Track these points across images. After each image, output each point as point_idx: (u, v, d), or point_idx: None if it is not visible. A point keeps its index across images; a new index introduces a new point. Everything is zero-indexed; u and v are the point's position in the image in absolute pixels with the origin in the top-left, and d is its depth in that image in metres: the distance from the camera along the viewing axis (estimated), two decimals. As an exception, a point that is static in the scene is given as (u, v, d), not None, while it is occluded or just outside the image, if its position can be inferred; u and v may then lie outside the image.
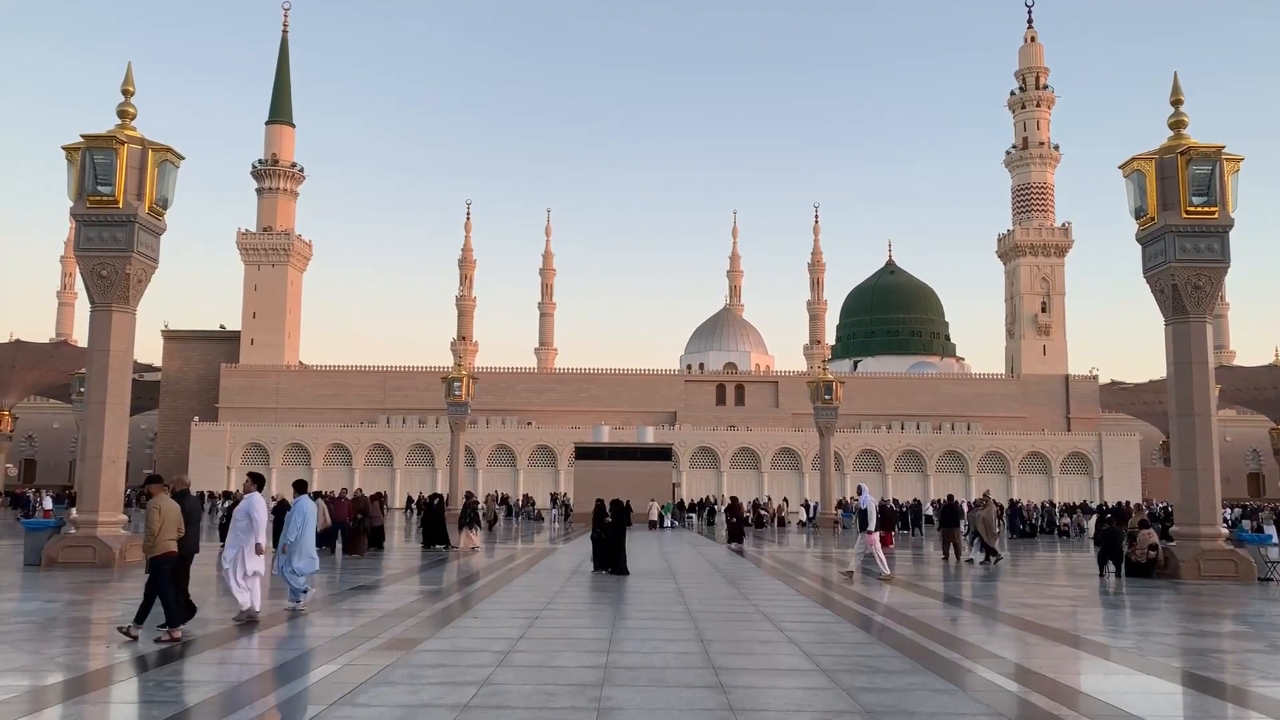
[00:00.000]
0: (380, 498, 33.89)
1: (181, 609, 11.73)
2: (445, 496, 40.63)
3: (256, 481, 13.53)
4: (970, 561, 26.40)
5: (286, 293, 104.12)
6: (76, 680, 9.27)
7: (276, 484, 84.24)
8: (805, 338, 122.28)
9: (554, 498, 70.16)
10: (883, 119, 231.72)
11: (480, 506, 55.79)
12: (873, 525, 21.72)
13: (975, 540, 27.23)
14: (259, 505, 13.16)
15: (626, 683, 9.11)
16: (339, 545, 26.92)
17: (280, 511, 28.26)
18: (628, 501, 50.96)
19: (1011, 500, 61.26)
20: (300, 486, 15.04)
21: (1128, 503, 56.45)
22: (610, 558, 21.41)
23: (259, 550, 12.92)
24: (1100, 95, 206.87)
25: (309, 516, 14.48)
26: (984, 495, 30.55)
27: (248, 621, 12.68)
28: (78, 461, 22.49)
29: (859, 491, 23.16)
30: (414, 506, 65.03)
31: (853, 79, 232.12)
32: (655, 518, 50.43)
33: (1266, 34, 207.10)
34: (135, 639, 11.10)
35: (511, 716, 7.74)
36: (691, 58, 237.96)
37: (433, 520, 29.44)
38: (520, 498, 73.93)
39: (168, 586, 11.40)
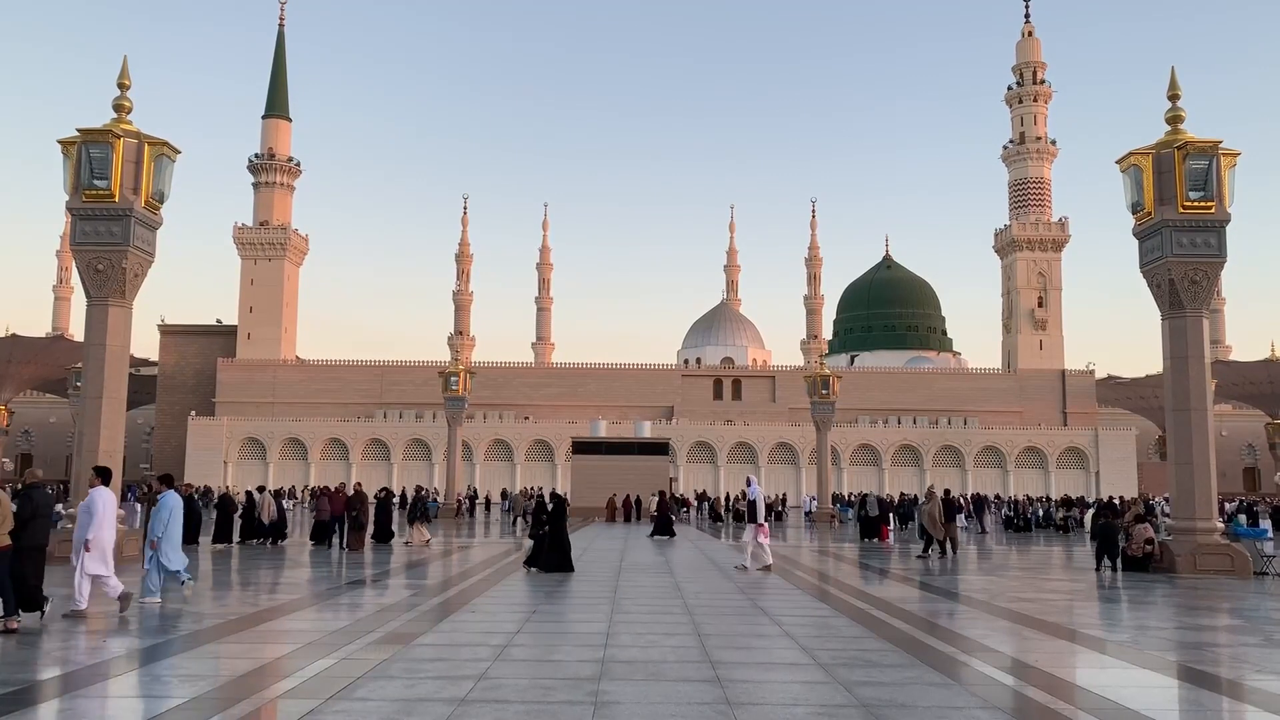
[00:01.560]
0: (327, 491, 33.59)
1: (27, 599, 11.78)
2: (391, 490, 40.59)
3: (102, 476, 13.54)
4: (921, 557, 26.41)
5: (283, 287, 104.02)
6: (74, 674, 9.27)
7: (274, 479, 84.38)
8: (802, 332, 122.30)
9: (504, 494, 68.54)
10: (880, 113, 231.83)
11: (489, 500, 55.62)
12: (760, 517, 21.67)
13: (921, 534, 27.24)
14: (99, 500, 13.08)
15: (624, 676, 9.12)
16: (335, 540, 26.90)
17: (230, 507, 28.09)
18: (637, 496, 50.66)
19: (974, 493, 61.23)
20: (167, 480, 15.08)
21: (1121, 498, 56.55)
22: (545, 555, 20.19)
23: (87, 547, 12.79)
24: (1098, 90, 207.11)
25: (175, 510, 14.50)
26: (929, 490, 30.56)
27: (72, 614, 12.63)
28: (74, 456, 22.45)
29: (748, 483, 22.85)
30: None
31: (850, 73, 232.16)
32: (655, 512, 50.39)
33: (1264, 29, 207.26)
34: None
35: (509, 710, 7.74)
36: (688, 51, 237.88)
37: (379, 515, 29.25)
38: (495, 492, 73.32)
39: (4, 579, 11.38)
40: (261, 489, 30.23)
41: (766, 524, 22.25)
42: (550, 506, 21.04)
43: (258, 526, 27.95)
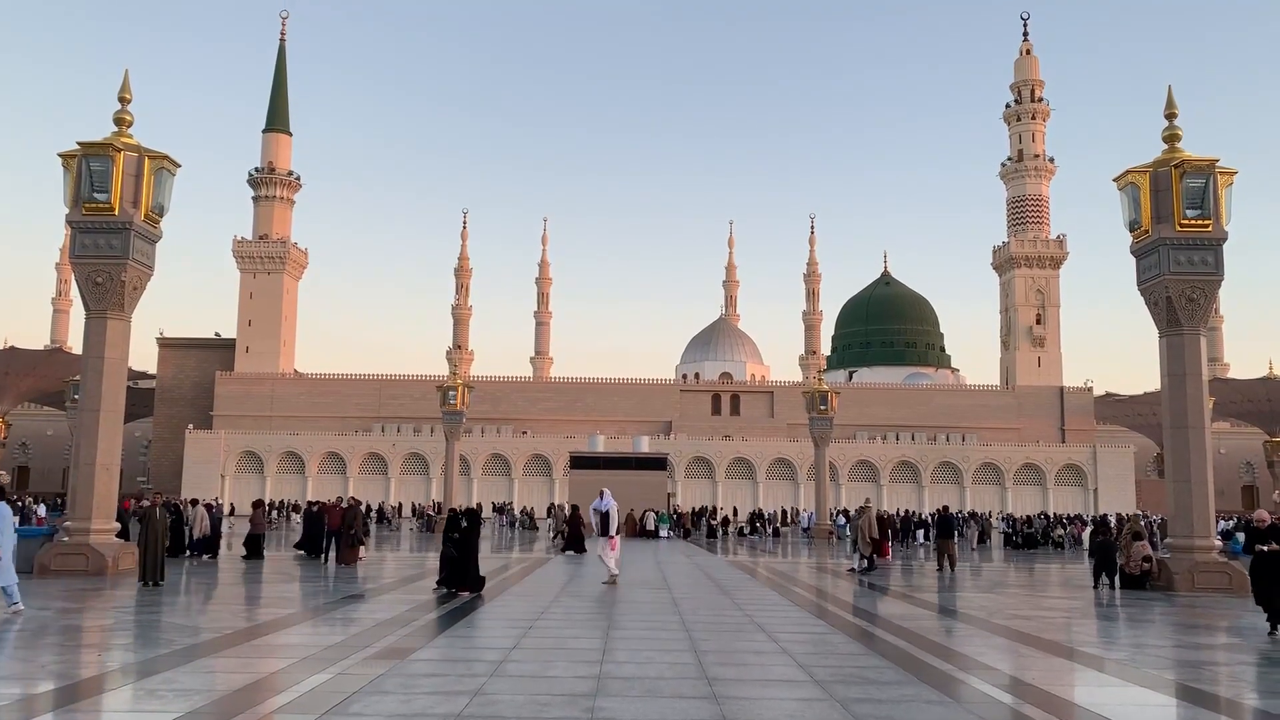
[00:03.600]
0: (261, 504, 33.07)
1: None
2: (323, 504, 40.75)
3: None
4: (852, 571, 26.24)
5: (282, 301, 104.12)
6: (68, 688, 9.23)
7: (271, 492, 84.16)
8: (801, 348, 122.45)
9: (485, 506, 68.31)
10: (879, 130, 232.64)
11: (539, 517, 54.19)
12: (614, 530, 21.42)
13: (852, 548, 27.15)
14: None
15: (620, 693, 9.09)
16: (331, 554, 26.82)
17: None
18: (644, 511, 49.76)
19: (940, 508, 61.02)
20: None
21: (1118, 514, 56.48)
22: (458, 573, 18.67)
23: None
24: (1096, 108, 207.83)
25: (2, 521, 14.39)
26: (865, 503, 30.52)
27: None
28: (71, 469, 22.40)
29: (600, 495, 22.47)
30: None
31: (849, 90, 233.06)
32: (652, 527, 50.29)
33: (1260, 48, 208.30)
34: None
35: (504, 726, 7.72)
36: (688, 67, 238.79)
37: (312, 529, 29.05)
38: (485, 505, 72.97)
39: None
40: (194, 501, 29.60)
41: (617, 538, 21.93)
42: (464, 523, 19.52)
43: (189, 540, 27.10)
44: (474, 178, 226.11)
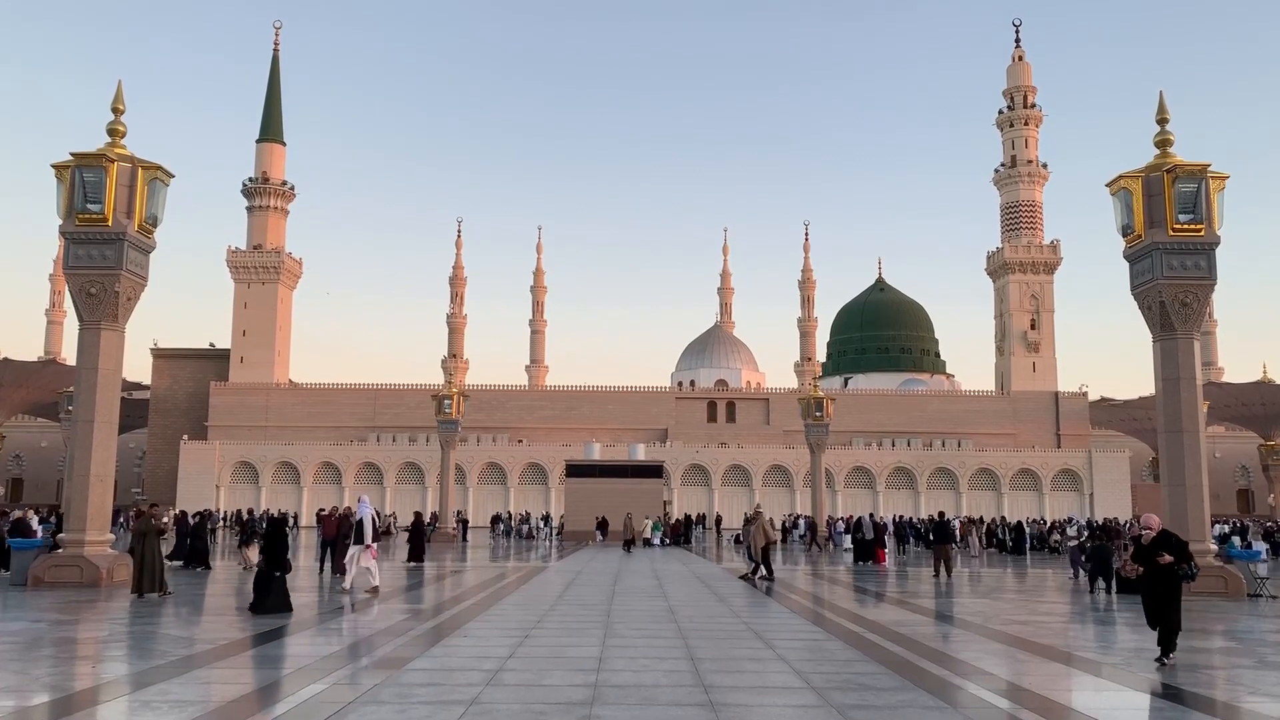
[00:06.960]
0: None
1: None
2: (207, 513, 41.06)
3: None
4: (744, 578, 26.02)
5: (276, 310, 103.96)
6: (62, 700, 9.19)
7: (266, 502, 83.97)
8: (796, 355, 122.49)
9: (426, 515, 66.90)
10: (873, 136, 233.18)
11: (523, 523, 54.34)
12: (368, 538, 21.29)
13: (746, 555, 27.06)
14: None
15: (616, 701, 9.08)
16: (327, 563, 26.74)
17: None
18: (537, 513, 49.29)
19: (934, 514, 61.04)
20: None
21: (1114, 519, 56.55)
22: (263, 595, 16.30)
23: None
24: (1088, 113, 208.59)
25: None
26: (755, 510, 30.38)
27: None
28: (65, 480, 22.37)
29: (359, 501, 22.33)
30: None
31: (843, 97, 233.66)
32: (648, 535, 50.21)
33: (1252, 53, 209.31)
34: None
35: (500, 735, 7.70)
36: (682, 75, 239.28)
37: (195, 540, 28.88)
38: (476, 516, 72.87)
39: None
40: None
41: (375, 545, 21.77)
42: (266, 536, 17.49)
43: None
44: (468, 186, 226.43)
